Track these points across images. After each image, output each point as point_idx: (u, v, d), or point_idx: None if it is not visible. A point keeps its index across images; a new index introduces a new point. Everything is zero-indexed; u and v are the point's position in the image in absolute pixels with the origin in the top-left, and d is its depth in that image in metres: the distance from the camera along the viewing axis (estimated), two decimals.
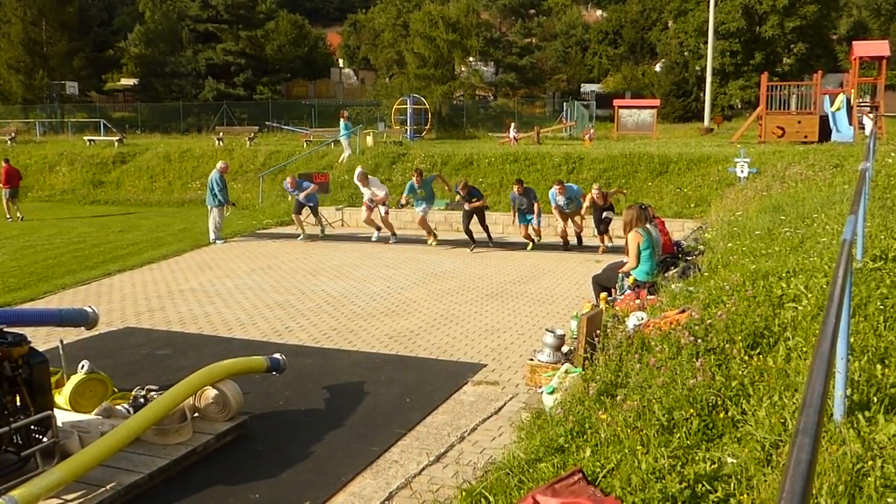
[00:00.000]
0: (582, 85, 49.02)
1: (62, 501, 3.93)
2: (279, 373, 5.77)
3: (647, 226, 7.45)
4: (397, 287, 9.95)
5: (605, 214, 12.48)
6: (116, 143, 26.55)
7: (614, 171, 16.87)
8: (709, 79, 30.74)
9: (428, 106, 29.64)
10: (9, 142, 28.20)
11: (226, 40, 45.20)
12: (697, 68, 40.46)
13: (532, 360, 5.84)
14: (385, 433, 5.05)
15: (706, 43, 31.78)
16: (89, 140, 27.49)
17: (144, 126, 35.32)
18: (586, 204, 12.59)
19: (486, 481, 3.80)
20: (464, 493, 3.72)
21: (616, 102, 30.88)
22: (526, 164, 17.84)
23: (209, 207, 14.43)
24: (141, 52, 47.66)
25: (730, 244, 7.39)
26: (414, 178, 13.55)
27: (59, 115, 35.82)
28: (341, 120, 22.07)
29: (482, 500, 3.55)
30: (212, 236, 14.27)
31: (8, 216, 18.33)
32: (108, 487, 4.09)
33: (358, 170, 14.54)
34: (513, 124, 27.53)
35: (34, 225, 17.42)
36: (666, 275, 7.29)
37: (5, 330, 4.29)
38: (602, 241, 12.58)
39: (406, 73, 38.38)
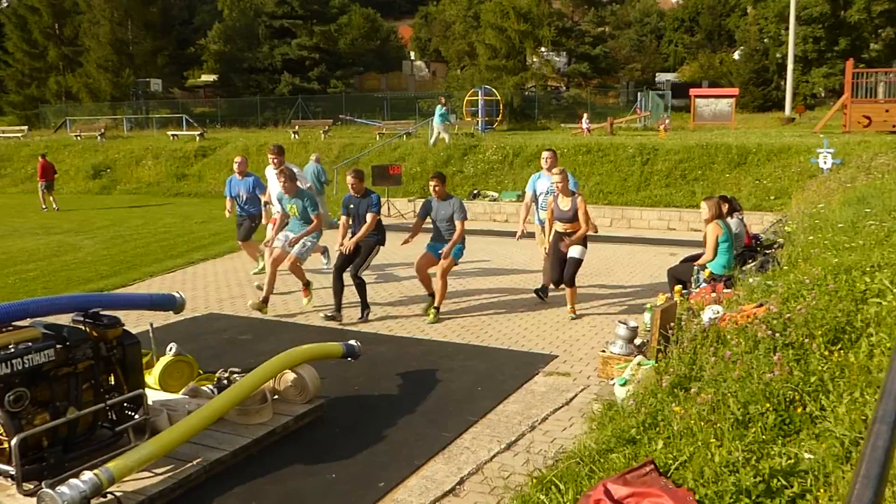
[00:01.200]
0: (657, 74, 48.04)
1: (152, 474, 4.16)
2: (354, 359, 5.93)
3: (729, 219, 7.33)
4: (468, 278, 10.03)
5: (571, 252, 7.63)
6: (198, 138, 27.47)
7: (690, 163, 16.53)
8: (790, 66, 29.66)
9: (499, 97, 29.59)
10: (98, 137, 29.52)
11: (300, 35, 46.05)
12: (778, 55, 39.09)
13: (604, 351, 5.84)
14: (457, 420, 5.14)
15: (787, 29, 30.70)
16: (172, 135, 28.52)
17: (224, 120, 36.39)
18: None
19: (557, 469, 3.83)
20: (534, 481, 3.77)
21: (692, 92, 30.16)
22: (599, 155, 17.65)
23: None
24: (220, 48, 49.08)
25: (811, 237, 7.17)
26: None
27: (145, 112, 37.25)
28: (438, 105, 22.55)
29: (552, 487, 3.59)
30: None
31: (43, 206, 20.06)
32: (194, 463, 4.30)
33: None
34: (585, 115, 27.24)
35: (123, 216, 18.22)
36: (743, 268, 7.14)
37: (101, 313, 4.54)
38: (569, 300, 7.92)
39: (477, 64, 38.36)
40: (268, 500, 4.09)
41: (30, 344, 4.00)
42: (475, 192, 17.53)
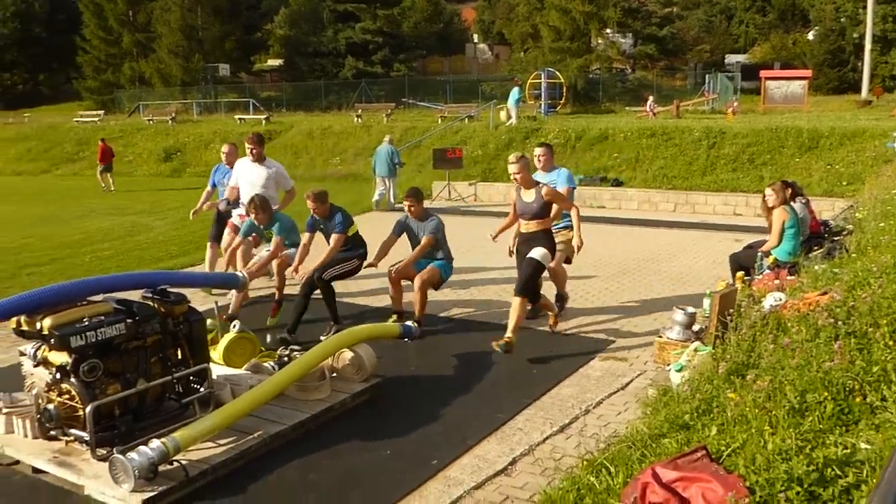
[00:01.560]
0: (726, 56, 46.62)
1: (216, 444, 4.33)
2: (411, 339, 6.02)
3: (793, 204, 7.14)
4: None
5: (531, 252, 6.27)
6: (264, 122, 28.05)
7: (758, 147, 16.08)
8: (868, 47, 28.48)
9: (563, 80, 29.26)
10: (169, 122, 30.42)
11: (364, 19, 46.31)
12: (855, 35, 37.45)
13: (661, 337, 5.79)
14: (511, 402, 5.18)
15: (865, 7, 29.40)
16: (239, 118, 29.20)
17: (289, 104, 36.98)
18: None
19: (608, 452, 3.84)
20: (585, 463, 3.79)
21: (763, 73, 29.29)
22: (663, 138, 17.33)
23: (381, 178, 15.72)
24: (285, 33, 49.78)
25: (882, 224, 6.94)
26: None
27: (213, 96, 38.17)
28: (514, 88, 22.72)
29: (603, 469, 3.60)
30: (392, 201, 15.68)
31: (103, 185, 21.85)
32: (255, 435, 4.46)
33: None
34: (651, 97, 26.71)
35: (192, 198, 18.72)
36: (809, 255, 6.95)
37: (168, 290, 4.74)
38: (552, 321, 6.92)
39: (541, 46, 37.94)
40: (324, 473, 4.22)
41: (102, 318, 4.20)
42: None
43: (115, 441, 4.10)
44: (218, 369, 5.18)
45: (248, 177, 7.91)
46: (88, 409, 4.03)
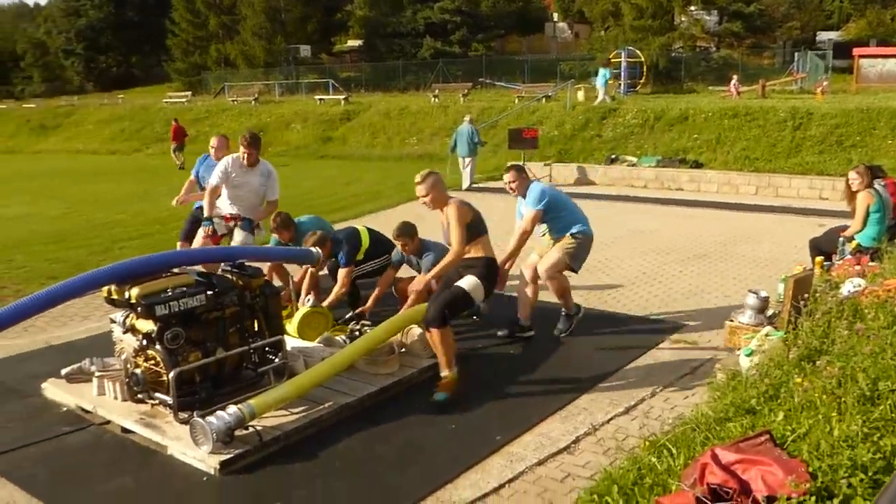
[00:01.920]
0: (818, 33, 44.50)
1: (289, 413, 4.53)
2: (478, 317, 6.10)
3: (877, 187, 6.87)
4: (598, 244, 9.89)
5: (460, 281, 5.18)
6: (343, 102, 28.49)
7: (848, 128, 15.40)
8: None
9: (643, 59, 28.60)
10: (252, 102, 31.25)
11: None
12: None
13: (732, 321, 5.69)
14: (576, 382, 5.20)
15: None
16: (319, 99, 29.73)
17: (368, 84, 37.37)
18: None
19: (671, 434, 3.84)
20: (647, 444, 3.80)
21: (857, 51, 27.89)
22: (746, 119, 16.79)
23: (461, 158, 15.89)
24: (365, 14, 50.19)
25: None
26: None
27: (295, 77, 38.94)
28: (601, 68, 22.57)
29: (664, 451, 3.60)
30: (466, 184, 15.80)
31: (177, 163, 22.70)
32: (326, 405, 4.64)
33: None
34: (735, 77, 25.83)
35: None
36: (893, 241, 6.68)
37: (246, 264, 4.95)
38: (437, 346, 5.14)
39: (622, 24, 37.04)
40: (390, 444, 4.36)
41: (185, 289, 4.44)
42: (613, 156, 17.19)
43: (196, 406, 4.34)
44: (292, 342, 5.39)
45: (236, 181, 6.64)
46: (171, 374, 4.28)
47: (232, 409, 4.16)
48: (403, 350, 5.46)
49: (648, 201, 13.57)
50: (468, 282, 5.06)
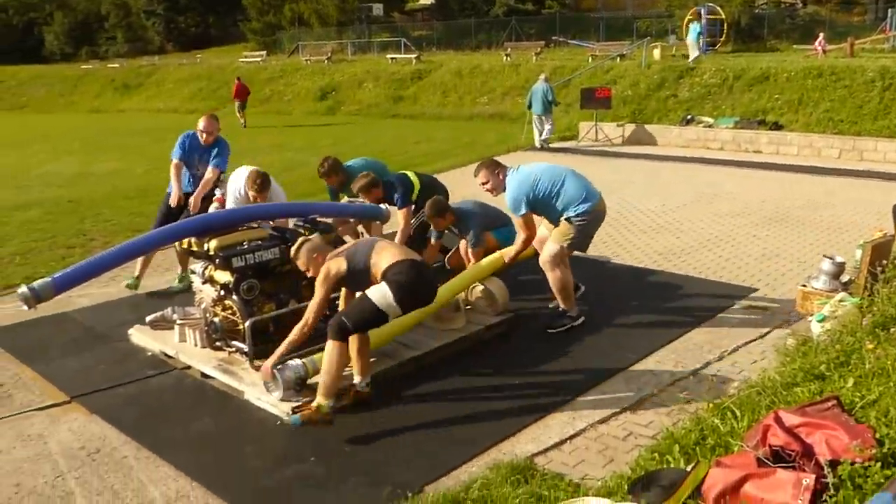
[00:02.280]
0: None
1: None
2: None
3: None
4: (672, 205, 9.79)
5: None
6: (414, 61, 28.45)
7: None
8: None
9: (724, 16, 27.51)
10: (325, 61, 31.52)
11: None
12: None
13: (805, 286, 5.56)
14: (642, 343, 5.20)
15: None
16: (391, 58, 29.76)
17: (439, 43, 37.15)
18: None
19: (736, 397, 3.83)
20: (711, 406, 3.80)
21: None
22: (832, 79, 16.03)
23: (537, 116, 15.93)
24: None
25: None
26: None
27: (367, 36, 39.01)
28: (693, 22, 21.90)
29: (729, 413, 3.60)
30: (539, 140, 15.98)
31: (241, 121, 23.02)
32: (393, 359, 4.79)
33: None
34: (821, 34, 24.62)
35: (345, 135, 19.54)
36: None
37: (318, 220, 5.10)
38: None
39: None
40: (453, 398, 4.46)
41: (260, 242, 4.62)
42: (689, 117, 16.72)
43: (270, 355, 4.54)
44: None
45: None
46: (247, 324, 4.48)
47: (298, 361, 4.34)
48: (469, 307, 5.55)
49: (724, 163, 13.21)
50: (376, 292, 4.08)
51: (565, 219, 5.21)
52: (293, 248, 4.40)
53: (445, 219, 5.88)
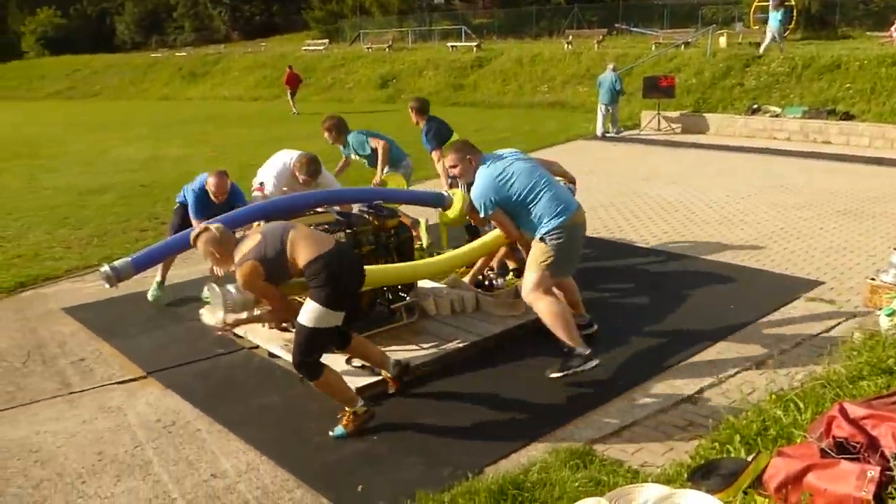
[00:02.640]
0: None
1: (419, 348, 4.82)
2: None
3: None
4: (737, 196, 9.62)
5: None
6: (474, 49, 28.40)
7: None
8: None
9: (794, 2, 26.68)
10: (386, 49, 31.70)
11: None
12: None
13: (874, 280, 5.43)
14: (704, 334, 5.16)
15: None
16: (451, 46, 29.76)
17: (500, 31, 36.97)
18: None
19: (800, 389, 3.79)
20: (774, 397, 3.78)
21: None
22: None
23: (603, 105, 15.94)
24: None
25: None
26: None
27: (428, 24, 39.05)
28: (772, 10, 21.12)
29: (792, 405, 3.58)
30: (601, 130, 15.99)
31: (293, 109, 23.79)
32: (453, 343, 4.88)
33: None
34: None
35: (403, 123, 19.64)
36: None
37: (382, 205, 5.21)
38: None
39: None
40: (512, 383, 4.52)
41: (325, 226, 4.75)
42: (755, 106, 16.32)
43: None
44: (421, 282, 5.63)
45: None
46: None
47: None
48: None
49: (792, 154, 12.89)
50: (306, 310, 3.83)
51: (539, 238, 4.48)
52: (191, 235, 3.99)
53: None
